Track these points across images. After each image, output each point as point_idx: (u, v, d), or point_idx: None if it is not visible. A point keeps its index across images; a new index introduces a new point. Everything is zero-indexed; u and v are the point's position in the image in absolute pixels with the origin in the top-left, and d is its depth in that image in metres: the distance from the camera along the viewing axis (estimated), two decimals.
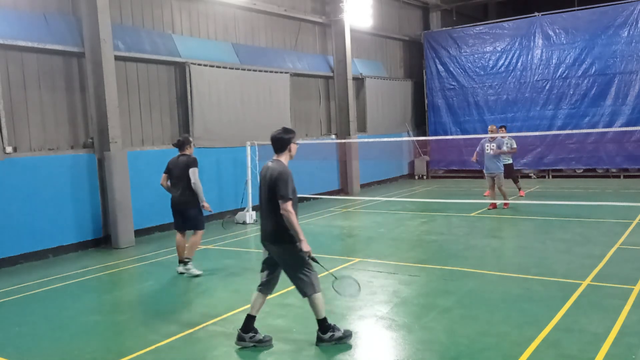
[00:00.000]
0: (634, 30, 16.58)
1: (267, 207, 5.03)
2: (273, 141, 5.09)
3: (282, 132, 5.09)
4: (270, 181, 4.93)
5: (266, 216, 5.05)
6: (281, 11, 14.81)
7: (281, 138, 5.06)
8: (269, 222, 5.02)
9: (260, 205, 5.16)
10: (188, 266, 7.77)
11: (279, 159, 5.09)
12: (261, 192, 5.10)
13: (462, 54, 19.49)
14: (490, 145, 12.34)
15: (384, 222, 11.65)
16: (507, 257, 8.27)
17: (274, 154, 5.13)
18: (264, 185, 5.03)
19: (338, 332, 5.06)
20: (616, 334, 4.94)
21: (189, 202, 7.70)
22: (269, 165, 5.08)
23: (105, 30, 10.08)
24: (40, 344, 5.55)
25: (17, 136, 9.53)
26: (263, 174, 5.09)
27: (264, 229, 5.09)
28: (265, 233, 5.09)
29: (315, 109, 16.57)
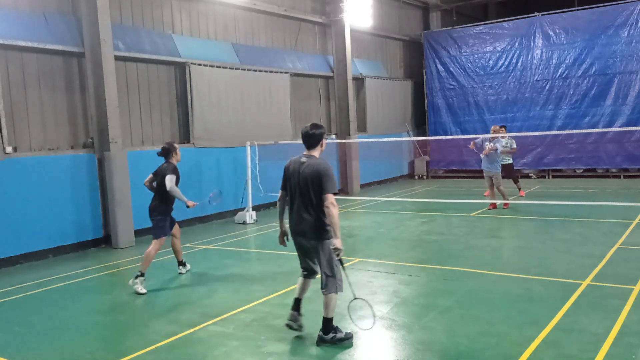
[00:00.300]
0: (634, 30, 16.58)
1: (305, 202, 5.01)
2: (306, 137, 5.11)
3: (314, 127, 5.11)
4: (313, 176, 4.93)
5: (303, 211, 5.02)
6: (281, 11, 14.82)
7: (314, 134, 5.09)
8: (306, 218, 5.00)
9: (291, 201, 5.13)
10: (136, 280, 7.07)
11: (312, 154, 5.11)
12: (294, 187, 5.07)
13: (462, 54, 19.49)
14: (490, 145, 12.33)
15: (384, 222, 11.65)
16: (507, 257, 8.27)
17: (305, 150, 5.15)
18: (303, 180, 4.99)
19: (340, 334, 5.08)
20: (616, 334, 4.94)
21: (155, 209, 7.49)
22: (302, 160, 5.08)
23: (105, 30, 10.08)
24: (40, 344, 5.55)
25: (17, 136, 9.53)
26: (296, 169, 5.07)
27: (299, 225, 5.05)
28: (300, 228, 5.05)
29: (315, 109, 16.57)
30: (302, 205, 5.03)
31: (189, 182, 12.11)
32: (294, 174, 5.08)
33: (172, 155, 7.58)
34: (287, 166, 5.19)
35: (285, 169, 5.21)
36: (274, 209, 14.23)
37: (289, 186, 5.14)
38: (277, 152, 13.55)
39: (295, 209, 5.08)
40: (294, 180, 5.08)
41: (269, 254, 9.26)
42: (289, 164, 5.18)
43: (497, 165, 12.31)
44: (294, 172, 5.08)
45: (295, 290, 5.41)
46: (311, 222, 4.98)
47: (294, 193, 5.10)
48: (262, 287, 7.12)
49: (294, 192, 5.08)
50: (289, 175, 5.14)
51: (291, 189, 5.12)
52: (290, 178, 5.11)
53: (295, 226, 5.09)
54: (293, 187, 5.09)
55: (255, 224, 12.07)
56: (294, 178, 5.08)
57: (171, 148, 7.60)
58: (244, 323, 5.78)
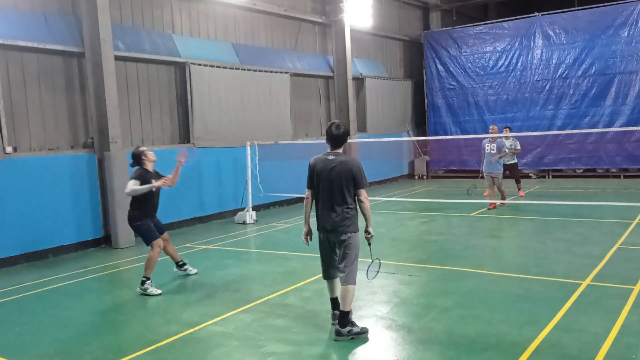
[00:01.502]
0: (634, 30, 16.58)
1: (337, 197, 5.13)
2: (336, 138, 5.21)
3: (338, 128, 5.21)
4: (346, 172, 5.10)
5: (336, 207, 5.14)
6: (281, 11, 14.82)
7: (340, 134, 5.21)
8: (339, 213, 5.14)
9: (320, 198, 5.21)
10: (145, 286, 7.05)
11: (338, 151, 5.25)
12: (324, 184, 5.15)
13: (462, 54, 19.49)
14: (491, 146, 12.36)
15: (384, 222, 11.64)
16: (507, 257, 8.27)
17: (329, 148, 5.26)
18: (335, 176, 5.12)
19: (356, 328, 5.17)
20: (616, 334, 4.94)
21: (133, 218, 7.23)
22: (329, 157, 5.19)
23: (105, 30, 10.08)
24: (40, 344, 5.55)
25: (17, 136, 9.53)
26: (326, 167, 5.16)
27: (333, 220, 5.15)
28: (334, 223, 5.15)
29: (315, 109, 16.58)
30: (333, 201, 5.15)
31: (189, 182, 12.14)
32: (323, 172, 5.17)
33: (143, 160, 7.26)
34: (314, 164, 5.27)
35: (311, 167, 5.28)
36: (274, 209, 14.26)
37: (319, 184, 5.20)
38: (277, 152, 13.57)
39: (326, 206, 5.18)
40: (324, 177, 5.16)
41: (269, 254, 9.26)
42: (315, 162, 5.27)
43: (499, 166, 12.38)
44: (323, 169, 5.17)
45: (330, 293, 5.51)
46: (343, 217, 5.14)
47: (324, 190, 5.18)
48: (262, 287, 7.12)
49: (324, 189, 5.17)
50: (317, 173, 5.22)
51: (321, 186, 5.19)
52: (319, 175, 5.20)
53: (326, 222, 5.17)
54: (323, 184, 5.17)
55: (255, 224, 12.07)
56: (323, 175, 5.16)
57: (139, 153, 7.27)
58: (244, 323, 5.78)
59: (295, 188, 13.74)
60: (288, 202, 14.61)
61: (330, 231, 5.20)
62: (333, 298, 5.47)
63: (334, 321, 5.38)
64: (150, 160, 7.35)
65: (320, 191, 5.22)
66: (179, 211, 11.91)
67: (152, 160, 7.39)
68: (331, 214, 5.17)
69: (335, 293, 5.46)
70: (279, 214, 13.26)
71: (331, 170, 5.15)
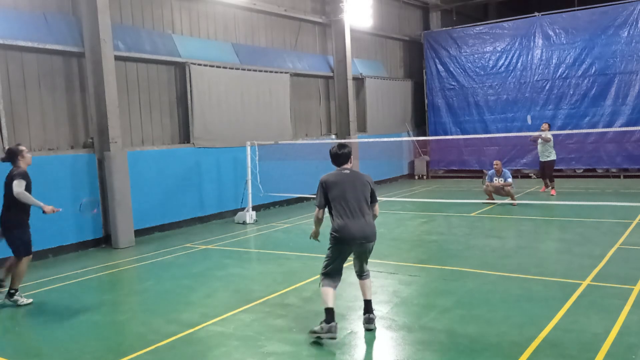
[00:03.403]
0: (634, 30, 16.58)
1: (365, 206, 5.30)
2: (336, 157, 5.44)
3: (342, 147, 5.46)
4: (365, 184, 5.35)
5: (366, 215, 5.28)
6: (281, 11, 14.82)
7: (344, 153, 5.43)
8: (369, 222, 5.29)
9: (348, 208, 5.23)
10: (15, 297, 6.70)
11: (349, 167, 5.46)
12: (349, 196, 5.24)
13: (462, 54, 19.49)
14: (499, 180, 12.97)
15: (384, 222, 11.63)
16: (507, 257, 8.27)
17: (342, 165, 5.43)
18: (360, 187, 5.30)
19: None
20: (616, 334, 4.94)
21: (9, 222, 6.70)
22: (345, 172, 5.37)
23: (105, 30, 10.07)
24: (40, 344, 5.55)
25: (17, 136, 9.52)
26: (347, 179, 5.31)
27: (364, 230, 5.22)
28: (366, 233, 5.23)
29: (315, 109, 16.57)
30: (363, 209, 5.26)
31: (189, 182, 12.14)
32: (345, 184, 5.28)
33: (19, 159, 6.80)
34: (328, 180, 5.33)
35: (326, 185, 5.32)
36: (274, 209, 14.26)
37: (342, 198, 5.24)
38: (277, 152, 13.57)
39: (356, 215, 5.22)
40: (348, 188, 5.26)
41: (269, 254, 9.26)
42: (330, 178, 5.34)
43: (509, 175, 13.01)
44: (344, 182, 5.29)
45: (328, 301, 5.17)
46: (372, 225, 5.32)
47: (349, 200, 5.23)
48: (262, 287, 7.12)
49: (351, 198, 5.24)
50: (335, 186, 5.28)
51: (345, 197, 5.24)
52: (340, 188, 5.26)
53: (358, 231, 5.19)
54: (349, 194, 5.25)
55: (255, 224, 12.07)
56: (347, 187, 5.27)
57: (16, 151, 6.81)
58: (244, 323, 5.78)
59: (295, 188, 13.77)
60: (288, 202, 14.61)
61: (362, 240, 5.21)
62: (330, 308, 5.16)
63: (325, 334, 5.07)
64: (26, 162, 6.91)
65: (345, 202, 5.23)
66: (179, 211, 11.91)
67: (28, 164, 6.93)
68: (364, 224, 5.22)
69: (332, 302, 5.21)
70: (279, 214, 13.26)
71: (354, 180, 5.32)
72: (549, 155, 13.78)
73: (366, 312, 5.41)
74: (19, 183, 6.55)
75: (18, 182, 6.56)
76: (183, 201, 11.97)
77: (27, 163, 6.93)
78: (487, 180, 13.24)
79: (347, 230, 5.18)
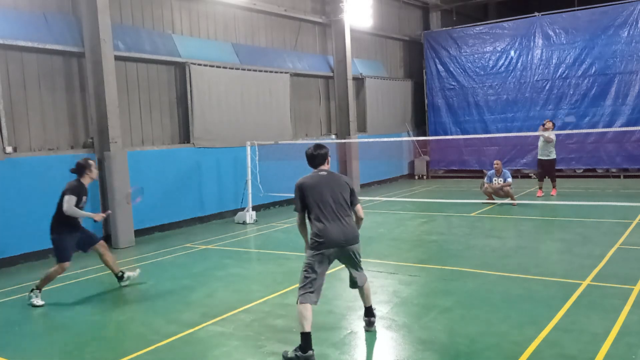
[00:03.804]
0: (634, 30, 16.58)
1: (345, 209, 5.08)
2: (312, 157, 5.22)
3: (318, 148, 5.25)
4: (344, 185, 5.14)
5: (347, 218, 5.06)
6: (281, 11, 14.82)
7: (320, 154, 5.22)
8: (351, 224, 5.07)
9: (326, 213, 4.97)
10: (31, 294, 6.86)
11: (326, 168, 5.26)
12: (327, 199, 4.99)
13: (462, 54, 19.49)
14: (498, 180, 12.97)
15: (384, 222, 11.64)
16: (507, 257, 8.27)
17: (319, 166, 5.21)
18: (338, 189, 5.08)
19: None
20: (616, 334, 4.94)
21: (52, 229, 7.00)
22: (322, 174, 5.15)
23: (105, 30, 10.08)
24: (40, 344, 5.55)
25: (17, 136, 9.53)
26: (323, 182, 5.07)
27: (347, 233, 4.99)
28: (346, 236, 4.98)
29: (315, 109, 16.58)
30: (343, 212, 5.04)
31: (189, 182, 12.15)
32: (322, 186, 5.04)
33: (85, 173, 7.00)
34: (304, 184, 5.07)
35: (302, 189, 5.06)
36: (274, 209, 14.26)
37: (320, 200, 4.99)
38: (277, 152, 13.57)
39: (334, 219, 4.97)
40: (326, 192, 5.02)
41: (269, 254, 9.27)
42: (306, 181, 5.09)
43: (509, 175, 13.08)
44: (321, 184, 5.05)
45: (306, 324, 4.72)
46: (354, 227, 5.10)
47: (327, 204, 4.99)
48: (262, 287, 7.12)
49: (330, 202, 4.99)
50: (313, 190, 5.02)
51: (323, 201, 4.99)
52: (318, 191, 5.01)
53: (339, 235, 4.95)
54: (326, 198, 5.00)
55: (255, 223, 12.07)
56: (325, 189, 5.02)
57: (85, 165, 7.00)
58: (244, 323, 5.78)
59: None
60: (288, 202, 14.60)
61: (343, 243, 4.97)
62: (308, 333, 4.71)
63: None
64: (92, 177, 7.11)
65: (323, 205, 4.98)
66: (179, 211, 11.91)
67: (93, 178, 7.14)
68: (346, 227, 5.00)
69: (310, 325, 4.74)
70: (279, 214, 13.26)
71: (332, 182, 5.08)
72: (549, 154, 13.73)
73: (367, 315, 5.39)
74: (69, 199, 6.79)
75: (69, 198, 6.80)
76: (183, 201, 11.97)
77: (93, 178, 7.13)
78: (486, 181, 13.25)
79: (327, 234, 4.91)
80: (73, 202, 6.81)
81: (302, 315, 4.74)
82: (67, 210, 6.76)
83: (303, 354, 4.66)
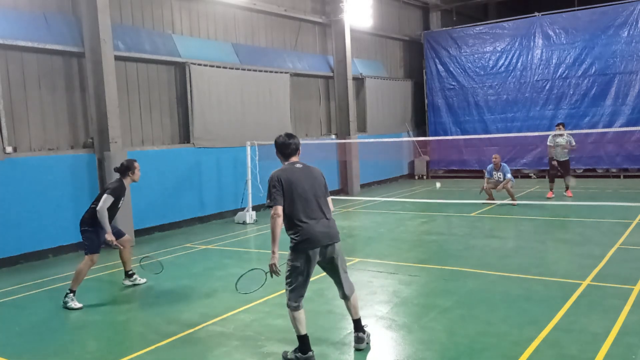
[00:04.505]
0: (634, 30, 16.58)
1: (323, 205, 4.79)
2: (286, 146, 4.87)
3: (290, 137, 4.92)
4: (319, 180, 4.84)
5: (326, 214, 4.78)
6: (281, 11, 14.82)
7: (294, 142, 4.90)
8: (331, 220, 4.80)
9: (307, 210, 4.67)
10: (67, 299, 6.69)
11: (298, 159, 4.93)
12: (307, 194, 4.69)
13: (462, 54, 19.50)
14: (497, 174, 12.96)
15: (384, 222, 11.65)
16: (507, 257, 8.27)
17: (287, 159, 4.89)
18: (318, 184, 4.81)
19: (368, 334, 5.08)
20: (616, 334, 4.94)
21: (85, 222, 6.96)
22: (298, 166, 4.81)
23: (105, 30, 10.08)
24: (40, 344, 5.55)
25: (17, 136, 9.53)
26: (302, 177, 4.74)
27: (328, 230, 4.72)
28: (327, 234, 4.71)
29: (315, 109, 16.57)
30: (321, 209, 4.75)
31: (189, 182, 12.14)
32: (301, 181, 4.70)
33: (129, 174, 7.07)
34: (282, 177, 4.67)
35: (279, 181, 4.65)
36: None
37: (296, 195, 4.65)
38: None
39: (317, 216, 4.70)
40: (306, 187, 4.70)
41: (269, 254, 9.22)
42: (283, 174, 4.70)
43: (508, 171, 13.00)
44: (299, 179, 4.71)
45: (302, 327, 4.67)
46: (334, 223, 4.84)
47: (309, 200, 4.69)
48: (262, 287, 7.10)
49: (306, 198, 4.68)
50: (293, 185, 4.66)
51: (301, 197, 4.67)
52: (298, 186, 4.67)
53: (323, 233, 4.68)
54: (307, 194, 4.69)
55: (255, 223, 12.07)
56: (304, 184, 4.70)
57: (130, 166, 7.07)
58: (244, 323, 5.78)
59: None
60: None
61: (327, 241, 4.69)
62: (304, 335, 4.67)
63: None
64: (134, 179, 7.14)
65: (302, 202, 4.66)
66: (179, 211, 11.91)
67: (134, 180, 7.18)
68: (327, 224, 4.74)
69: (305, 327, 4.69)
70: None
71: (308, 176, 4.77)
72: (567, 155, 13.58)
73: (356, 330, 4.98)
74: (106, 199, 6.78)
75: (106, 197, 6.80)
76: (183, 201, 11.97)
77: (134, 180, 7.18)
78: (486, 176, 13.21)
79: (311, 233, 4.61)
80: (109, 203, 6.82)
81: (296, 320, 4.66)
82: (100, 210, 6.75)
83: (303, 355, 4.65)
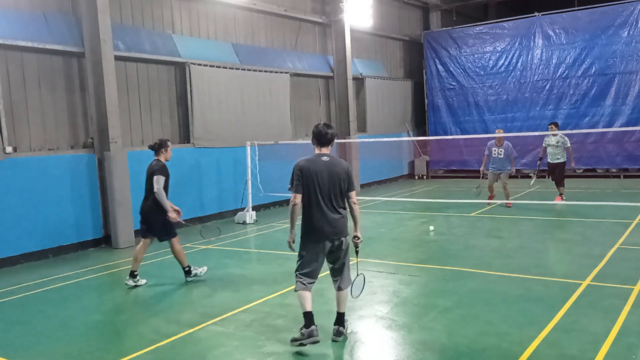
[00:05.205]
0: (634, 30, 16.59)
1: (339, 200, 4.95)
2: (322, 135, 5.02)
3: (328, 127, 5.07)
4: (343, 173, 4.96)
5: (339, 209, 4.96)
6: (281, 11, 14.82)
7: (330, 133, 5.06)
8: (341, 214, 4.98)
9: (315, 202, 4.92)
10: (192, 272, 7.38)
11: (328, 152, 5.06)
12: (321, 187, 4.90)
13: (462, 54, 19.50)
14: (498, 150, 12.65)
15: (384, 222, 11.65)
16: (507, 257, 8.27)
17: (319, 149, 5.06)
18: (335, 178, 4.93)
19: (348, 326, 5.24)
20: (616, 334, 4.94)
21: (151, 210, 7.15)
22: (324, 159, 4.98)
23: (105, 30, 10.08)
24: (40, 344, 5.55)
25: (17, 136, 9.53)
26: (322, 169, 4.92)
27: (333, 224, 4.91)
28: (334, 228, 4.92)
29: (315, 109, 16.57)
30: (335, 203, 4.95)
31: (189, 182, 12.14)
32: (319, 174, 4.90)
33: (161, 152, 7.31)
34: (304, 167, 4.95)
35: (301, 170, 4.95)
36: (274, 209, 14.25)
37: (313, 187, 4.91)
38: (277, 152, 13.56)
39: (327, 209, 4.92)
40: (323, 179, 4.90)
41: (269, 254, 9.27)
42: (306, 165, 4.95)
43: (507, 165, 12.64)
44: (321, 171, 4.91)
45: (307, 304, 4.97)
46: (343, 219, 4.99)
47: (323, 192, 4.91)
48: (262, 287, 7.12)
49: (324, 191, 4.91)
50: (311, 175, 4.91)
51: (318, 189, 4.91)
52: (315, 178, 4.90)
53: (327, 226, 4.91)
54: (322, 186, 4.90)
55: (255, 224, 12.07)
56: (321, 178, 4.90)
57: (163, 144, 7.31)
58: (244, 323, 5.78)
59: None
60: (288, 202, 14.57)
61: (331, 235, 4.93)
62: (309, 312, 4.96)
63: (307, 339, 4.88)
64: (166, 157, 7.38)
65: (317, 194, 4.91)
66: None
67: (167, 159, 7.41)
68: (333, 217, 4.94)
69: (310, 305, 4.99)
70: (279, 214, 13.25)
71: (330, 171, 4.94)
72: (560, 157, 13.50)
73: (337, 323, 5.16)
74: (158, 179, 6.95)
75: (158, 178, 6.95)
76: (183, 201, 11.91)
77: (167, 158, 7.36)
78: (485, 152, 12.87)
79: (318, 225, 4.91)
80: (162, 183, 6.96)
81: (302, 298, 4.98)
82: (158, 191, 6.86)
83: (307, 329, 4.90)
